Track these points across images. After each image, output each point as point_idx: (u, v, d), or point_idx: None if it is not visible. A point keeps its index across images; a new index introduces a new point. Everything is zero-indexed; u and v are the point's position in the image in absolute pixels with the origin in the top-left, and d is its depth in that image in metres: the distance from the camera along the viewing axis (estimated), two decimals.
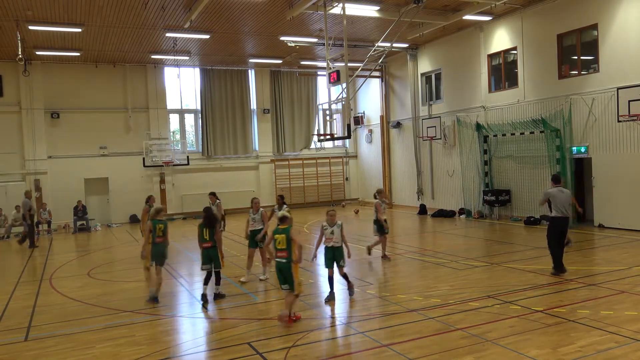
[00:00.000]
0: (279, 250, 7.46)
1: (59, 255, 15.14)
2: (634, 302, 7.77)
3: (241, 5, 15.49)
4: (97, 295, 9.83)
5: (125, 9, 15.29)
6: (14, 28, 16.25)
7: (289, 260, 7.41)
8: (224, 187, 23.51)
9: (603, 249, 12.24)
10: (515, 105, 17.72)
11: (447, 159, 21.12)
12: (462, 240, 14.83)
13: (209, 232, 8.93)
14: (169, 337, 7.38)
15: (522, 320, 7.14)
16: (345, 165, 27.37)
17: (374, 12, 16.05)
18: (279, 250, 7.46)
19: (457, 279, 9.85)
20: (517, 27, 17.53)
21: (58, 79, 21.68)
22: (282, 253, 7.42)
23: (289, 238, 7.40)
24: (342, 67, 14.61)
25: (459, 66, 20.16)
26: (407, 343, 6.49)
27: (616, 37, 14.46)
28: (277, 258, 7.50)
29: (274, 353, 6.39)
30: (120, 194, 22.56)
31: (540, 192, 16.82)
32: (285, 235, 7.42)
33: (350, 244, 9.16)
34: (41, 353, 6.81)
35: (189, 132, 25.26)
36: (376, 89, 25.23)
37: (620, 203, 14.47)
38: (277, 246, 7.47)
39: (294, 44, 19.67)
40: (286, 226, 7.54)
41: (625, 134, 14.44)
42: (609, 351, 5.93)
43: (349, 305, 8.66)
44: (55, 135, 21.66)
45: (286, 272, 7.42)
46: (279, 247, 7.46)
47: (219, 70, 24.22)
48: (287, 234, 7.43)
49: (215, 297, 9.00)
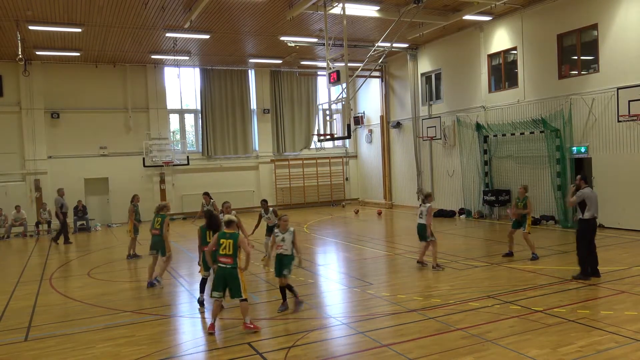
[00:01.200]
0: (222, 255, 7.10)
1: (59, 255, 15.15)
2: (634, 302, 7.78)
3: (241, 5, 15.49)
4: (97, 295, 9.83)
5: (125, 9, 15.29)
6: (14, 28, 16.25)
7: (234, 267, 7.10)
8: (224, 187, 23.50)
9: (603, 249, 12.20)
10: (515, 105, 17.72)
11: (447, 159, 21.12)
12: (462, 240, 14.84)
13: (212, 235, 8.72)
14: (169, 337, 7.39)
15: (522, 320, 7.15)
16: (345, 165, 27.37)
17: (374, 12, 16.05)
18: (222, 256, 7.10)
19: (457, 279, 9.86)
20: (517, 27, 17.53)
21: (58, 79, 21.68)
22: (227, 259, 7.08)
23: (235, 244, 7.09)
24: (342, 67, 14.61)
25: (459, 66, 20.16)
26: (407, 343, 6.49)
27: (616, 37, 14.46)
28: (221, 264, 7.13)
29: (274, 353, 6.39)
30: (120, 194, 22.48)
31: (540, 192, 16.89)
32: (233, 240, 7.10)
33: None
34: (41, 353, 6.81)
35: (189, 132, 25.26)
36: (376, 89, 25.23)
37: (620, 203, 14.47)
38: (221, 251, 7.10)
39: (294, 44, 19.67)
40: (233, 231, 7.23)
41: (625, 134, 14.44)
42: (609, 351, 5.94)
43: (349, 305, 8.66)
44: (55, 135, 21.66)
45: (230, 278, 7.08)
46: (222, 252, 7.09)
47: (219, 70, 24.22)
48: (234, 239, 7.11)
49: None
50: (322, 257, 13.15)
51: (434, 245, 10.93)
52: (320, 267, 11.91)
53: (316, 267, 11.78)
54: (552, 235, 14.50)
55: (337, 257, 13.41)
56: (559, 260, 11.32)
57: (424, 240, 11.02)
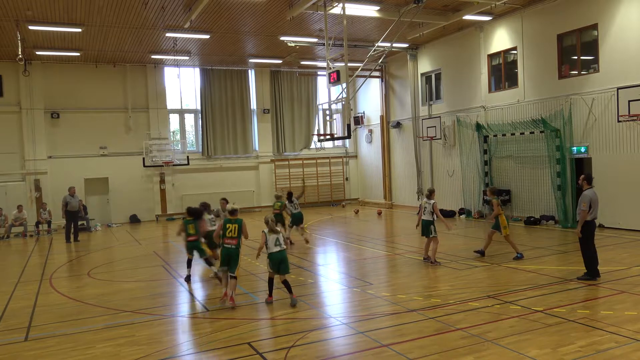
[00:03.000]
0: (229, 237, 8.52)
1: (59, 255, 15.14)
2: (634, 302, 7.77)
3: (241, 5, 15.49)
4: (97, 295, 9.83)
5: (125, 9, 15.29)
6: (14, 28, 16.25)
7: (238, 247, 8.57)
8: (224, 187, 23.50)
9: (603, 249, 12.21)
10: (515, 105, 17.72)
11: (447, 159, 21.12)
12: (462, 240, 14.83)
13: (194, 226, 10.41)
14: (169, 337, 7.38)
15: (522, 320, 7.14)
16: (345, 165, 27.37)
17: (374, 12, 16.05)
18: (228, 238, 8.52)
19: (457, 279, 9.86)
20: (517, 27, 17.53)
21: (58, 79, 21.68)
22: (232, 241, 8.54)
23: (240, 228, 8.52)
24: (342, 67, 14.60)
25: (459, 66, 20.16)
26: (407, 343, 6.49)
27: (616, 37, 14.46)
28: (226, 244, 8.57)
29: (274, 353, 6.39)
30: (120, 194, 22.57)
31: (540, 192, 16.91)
32: (237, 225, 8.53)
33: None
34: (41, 353, 6.81)
35: (189, 132, 25.26)
36: (376, 89, 25.23)
37: (620, 203, 14.47)
38: (228, 234, 8.52)
39: (294, 44, 19.67)
40: (237, 217, 8.64)
41: (625, 134, 14.44)
42: (609, 351, 5.94)
43: (349, 305, 8.66)
44: (55, 135, 21.66)
45: (234, 257, 8.56)
46: (229, 235, 8.52)
47: (219, 70, 24.22)
48: (239, 224, 8.53)
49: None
50: (322, 257, 13.15)
51: (435, 242, 11.41)
52: (320, 267, 11.92)
53: (316, 267, 11.78)
54: (552, 235, 14.50)
55: (337, 257, 13.41)
56: (559, 260, 11.33)
57: (426, 235, 11.46)
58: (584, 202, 9.07)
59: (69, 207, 17.61)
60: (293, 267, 11.52)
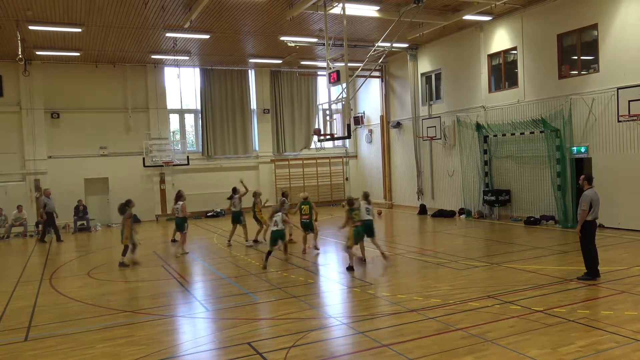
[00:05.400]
0: (304, 214, 13.13)
1: (59, 255, 15.14)
2: (634, 302, 7.77)
3: (241, 5, 15.49)
4: (97, 295, 9.83)
5: (125, 9, 15.29)
6: (14, 28, 16.24)
7: (311, 219, 13.19)
8: (224, 187, 23.38)
9: (603, 249, 12.19)
10: (515, 105, 17.72)
11: (447, 159, 21.12)
12: (462, 240, 14.83)
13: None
14: (169, 337, 7.38)
15: (522, 320, 7.14)
16: (345, 165, 27.37)
17: (374, 12, 16.04)
18: (304, 214, 13.12)
19: (457, 279, 9.85)
20: (517, 27, 17.53)
21: (58, 79, 21.67)
22: (306, 216, 13.13)
23: (310, 208, 13.19)
24: (342, 67, 14.59)
25: (459, 66, 20.16)
26: (407, 343, 6.49)
27: (616, 37, 14.46)
28: (303, 219, 13.14)
29: (274, 353, 6.39)
30: (120, 194, 22.36)
31: (540, 192, 16.90)
32: (308, 205, 13.19)
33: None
34: (41, 353, 6.81)
35: (189, 132, 25.26)
36: (376, 89, 25.22)
37: (620, 203, 14.46)
38: (303, 212, 13.14)
39: (294, 44, 19.66)
40: (307, 200, 13.33)
41: (625, 134, 14.44)
42: (609, 351, 5.93)
43: (349, 305, 8.66)
44: (55, 135, 21.65)
45: (309, 225, 13.21)
46: (304, 212, 13.13)
47: (219, 70, 24.22)
48: (309, 205, 13.21)
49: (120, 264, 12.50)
50: (322, 257, 13.14)
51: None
52: (320, 267, 11.91)
53: (316, 267, 11.77)
54: (552, 235, 14.49)
55: (337, 257, 13.40)
56: (559, 260, 11.32)
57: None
58: (585, 202, 9.07)
59: (47, 208, 17.93)
60: (293, 267, 11.54)
